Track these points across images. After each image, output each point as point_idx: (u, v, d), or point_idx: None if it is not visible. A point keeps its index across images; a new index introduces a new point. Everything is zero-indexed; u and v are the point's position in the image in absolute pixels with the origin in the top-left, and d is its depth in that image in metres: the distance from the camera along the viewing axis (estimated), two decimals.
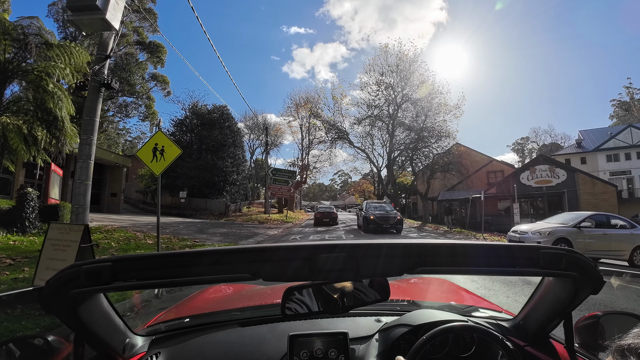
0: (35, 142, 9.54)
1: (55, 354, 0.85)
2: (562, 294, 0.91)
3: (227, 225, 16.86)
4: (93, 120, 6.75)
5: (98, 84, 6.81)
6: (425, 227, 20.54)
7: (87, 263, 0.70)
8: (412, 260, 0.74)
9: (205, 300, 1.73)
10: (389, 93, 29.53)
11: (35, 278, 4.19)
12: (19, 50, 8.70)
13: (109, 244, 7.87)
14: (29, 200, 8.37)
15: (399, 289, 1.70)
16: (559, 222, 9.82)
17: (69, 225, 4.36)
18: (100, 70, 6.89)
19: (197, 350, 1.07)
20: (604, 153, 35.83)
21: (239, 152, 27.59)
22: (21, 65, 9.13)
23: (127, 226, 12.35)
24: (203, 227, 14.36)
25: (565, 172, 23.30)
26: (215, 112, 26.82)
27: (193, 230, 12.98)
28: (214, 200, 24.65)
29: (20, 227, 8.23)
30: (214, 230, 13.49)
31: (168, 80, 36.80)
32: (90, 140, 6.70)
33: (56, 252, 4.22)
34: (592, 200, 22.85)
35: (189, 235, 11.12)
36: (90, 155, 6.64)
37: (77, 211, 6.52)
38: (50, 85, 8.66)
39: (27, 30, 8.78)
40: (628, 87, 49.95)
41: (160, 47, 34.26)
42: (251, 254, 0.75)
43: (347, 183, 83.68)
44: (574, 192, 22.96)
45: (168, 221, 16.50)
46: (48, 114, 8.78)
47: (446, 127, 27.49)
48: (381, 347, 1.06)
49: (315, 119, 31.86)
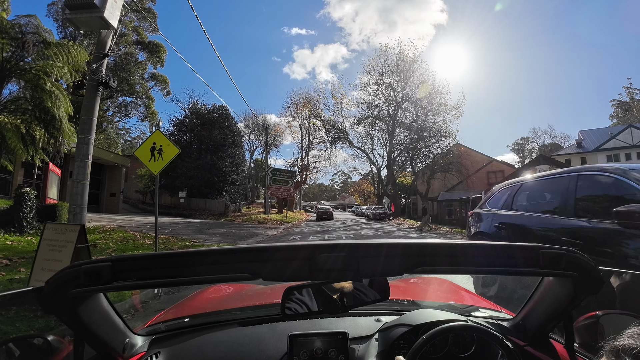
0: (34, 141, 9.48)
1: (55, 353, 0.85)
2: (562, 293, 0.92)
3: (227, 226, 16.80)
4: (91, 120, 6.69)
5: (96, 83, 6.75)
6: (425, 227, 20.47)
7: (87, 263, 0.69)
8: (412, 260, 0.74)
9: (205, 300, 1.73)
10: (389, 93, 29.52)
11: (31, 279, 4.14)
12: (16, 49, 8.64)
13: (106, 245, 7.81)
14: (27, 200, 8.31)
15: (399, 288, 1.69)
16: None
17: (65, 226, 4.31)
18: (98, 69, 6.83)
19: (197, 350, 1.07)
20: (604, 153, 35.81)
21: (238, 152, 27.53)
22: (19, 64, 9.07)
23: (126, 226, 12.28)
24: (202, 228, 14.30)
25: None
26: (214, 111, 26.76)
27: (192, 230, 12.92)
28: (214, 200, 24.59)
29: (17, 227, 8.16)
30: (213, 230, 13.43)
31: (168, 80, 36.70)
32: (87, 140, 6.64)
33: (52, 253, 4.17)
34: None
35: (188, 236, 11.06)
36: (87, 155, 6.58)
37: (75, 211, 6.46)
38: (48, 84, 8.60)
39: (25, 28, 8.73)
40: (628, 87, 49.98)
41: (160, 46, 34.16)
42: (251, 253, 0.75)
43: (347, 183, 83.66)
44: None
45: (167, 221, 16.44)
46: (46, 113, 8.72)
47: (446, 127, 27.49)
48: (381, 346, 1.05)
49: (315, 118, 31.80)
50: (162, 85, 36.87)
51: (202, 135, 25.23)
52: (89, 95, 6.77)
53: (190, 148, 25.39)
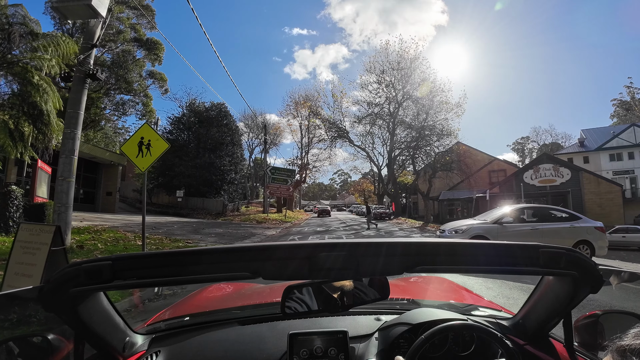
0: (22, 137, 9.11)
1: (56, 352, 0.85)
2: (562, 293, 0.91)
3: (224, 225, 16.42)
4: (77, 113, 6.32)
5: (83, 75, 6.38)
6: (427, 227, 20.13)
7: (88, 261, 0.70)
8: (412, 259, 0.73)
9: (205, 298, 1.72)
10: (389, 91, 29.11)
11: (4, 284, 3.78)
12: (3, 41, 8.26)
13: (95, 246, 7.44)
14: (13, 198, 7.93)
15: (399, 287, 1.69)
16: (485, 218, 8.78)
17: (40, 226, 3.92)
18: (85, 60, 6.46)
19: (197, 349, 1.07)
20: (607, 152, 35.56)
21: (237, 151, 27.12)
22: (6, 57, 8.70)
23: (119, 226, 11.93)
24: (198, 227, 13.91)
25: (570, 171, 22.90)
26: (213, 109, 26.35)
27: (187, 230, 12.54)
28: (212, 199, 24.19)
29: (3, 227, 7.79)
30: (210, 230, 13.04)
31: (166, 78, 36.09)
32: (74, 135, 6.27)
33: (26, 256, 3.80)
34: (597, 200, 22.47)
35: (183, 236, 10.69)
36: (73, 151, 6.22)
37: (59, 210, 6.10)
38: (36, 77, 8.23)
39: (11, 19, 8.34)
40: (629, 86, 49.92)
41: (158, 44, 33.68)
42: (251, 252, 0.75)
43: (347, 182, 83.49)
44: (578, 191, 22.58)
45: (163, 221, 16.06)
46: (34, 107, 8.35)
47: (448, 125, 27.04)
48: (381, 345, 1.05)
49: (315, 117, 31.39)
50: (160, 83, 36.33)
51: (200, 133, 24.82)
52: (76, 88, 6.40)
53: (188, 146, 24.99)
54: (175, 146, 25.52)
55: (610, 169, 33.17)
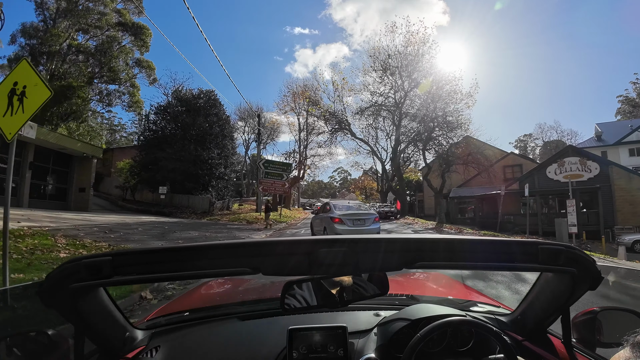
0: None
1: (56, 348, 0.84)
2: (560, 289, 0.91)
3: (205, 227, 13.93)
4: None
5: None
6: (443, 228, 17.70)
7: (88, 257, 0.70)
8: (411, 255, 0.73)
9: (205, 294, 1.73)
10: (395, 79, 26.59)
11: None
12: None
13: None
14: None
15: (398, 283, 1.68)
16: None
17: None
18: None
19: (197, 344, 1.07)
20: (626, 147, 33.52)
21: (228, 143, 24.61)
22: None
23: (68, 228, 9.48)
24: (170, 230, 11.41)
25: (598, 166, 20.44)
26: (201, 97, 23.80)
27: (152, 234, 10.03)
28: (198, 196, 21.68)
29: None
30: (180, 234, 10.52)
31: (154, 66, 33.56)
32: None
33: None
34: (628, 197, 20.06)
35: (139, 243, 8.23)
36: None
37: None
38: None
39: None
40: (635, 82, 48.56)
41: (144, 28, 31.15)
42: (251, 248, 0.75)
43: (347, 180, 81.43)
44: (608, 187, 20.14)
45: (132, 221, 13.54)
46: None
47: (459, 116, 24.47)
48: (380, 341, 1.04)
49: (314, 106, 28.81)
50: (147, 71, 33.72)
51: (186, 122, 22.27)
52: None
53: (174, 138, 22.46)
54: (159, 138, 23.02)
55: (630, 164, 30.80)
